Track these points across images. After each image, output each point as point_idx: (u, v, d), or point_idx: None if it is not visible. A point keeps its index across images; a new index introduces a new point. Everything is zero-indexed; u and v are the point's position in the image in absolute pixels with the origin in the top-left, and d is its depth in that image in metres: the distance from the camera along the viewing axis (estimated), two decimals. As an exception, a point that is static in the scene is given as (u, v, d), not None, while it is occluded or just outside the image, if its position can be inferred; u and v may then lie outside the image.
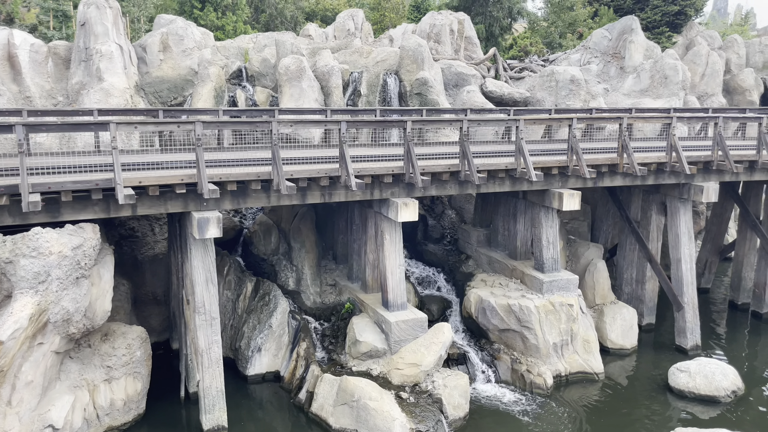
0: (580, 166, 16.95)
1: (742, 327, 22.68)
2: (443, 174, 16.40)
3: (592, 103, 25.95)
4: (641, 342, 20.89)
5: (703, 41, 40.30)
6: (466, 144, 15.98)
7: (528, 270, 19.08)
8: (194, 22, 30.01)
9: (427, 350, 16.08)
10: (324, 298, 19.55)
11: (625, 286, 22.71)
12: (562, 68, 25.87)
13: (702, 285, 26.01)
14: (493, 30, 34.25)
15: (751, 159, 19.15)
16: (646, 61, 29.25)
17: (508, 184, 17.64)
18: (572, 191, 17.68)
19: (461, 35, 28.33)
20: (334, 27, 31.91)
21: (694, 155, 18.81)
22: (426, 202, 24.04)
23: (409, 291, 19.95)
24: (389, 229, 16.66)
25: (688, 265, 20.01)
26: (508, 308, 17.98)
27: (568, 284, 18.49)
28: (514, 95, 26.03)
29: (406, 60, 25.05)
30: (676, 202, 19.94)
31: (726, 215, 25.04)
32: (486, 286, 19.51)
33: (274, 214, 20.56)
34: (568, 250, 23.11)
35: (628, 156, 17.50)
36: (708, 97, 38.70)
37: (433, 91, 24.40)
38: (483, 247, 21.64)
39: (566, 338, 18.05)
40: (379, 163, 15.92)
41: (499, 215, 21.15)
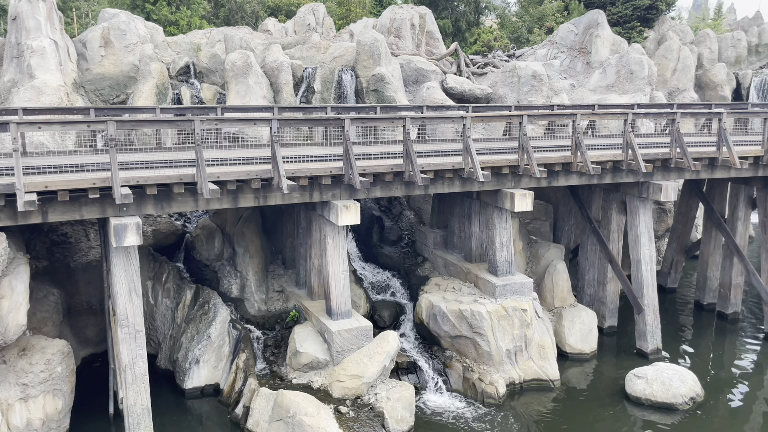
0: (531, 165, 16.18)
1: (706, 328, 22.12)
2: (386, 175, 15.55)
3: (555, 99, 25.26)
4: (602, 346, 20.24)
5: (675, 36, 39.88)
6: (409, 143, 15.14)
7: (482, 273, 18.31)
8: (146, 18, 28.89)
9: (371, 361, 15.24)
10: (270, 306, 18.64)
11: (587, 288, 22.05)
12: (524, 64, 25.13)
13: (668, 285, 25.48)
14: (459, 25, 33.45)
15: (711, 156, 18.52)
16: (612, 56, 28.63)
17: (458, 185, 16.83)
18: (524, 191, 16.92)
19: (422, 30, 27.50)
20: (294, 22, 30.96)
21: (653, 153, 18.14)
22: (383, 202, 23.20)
23: (360, 297, 19.11)
24: (332, 233, 15.79)
25: (648, 266, 19.37)
26: (460, 314, 17.20)
27: (523, 288, 17.76)
28: (475, 92, 25.26)
29: (363, 55, 24.15)
30: (636, 201, 19.28)
31: (691, 213, 24.48)
32: (439, 290, 18.72)
33: (218, 217, 19.59)
34: (528, 251, 22.40)
35: (581, 154, 16.78)
36: (679, 93, 38.29)
37: (390, 87, 23.53)
38: (439, 250, 20.85)
39: (520, 344, 17.31)
40: (317, 164, 15.03)
41: (454, 216, 20.37)
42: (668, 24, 40.97)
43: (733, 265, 22.10)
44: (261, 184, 14.38)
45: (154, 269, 18.32)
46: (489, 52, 29.32)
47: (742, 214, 21.78)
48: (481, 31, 31.02)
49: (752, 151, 18.93)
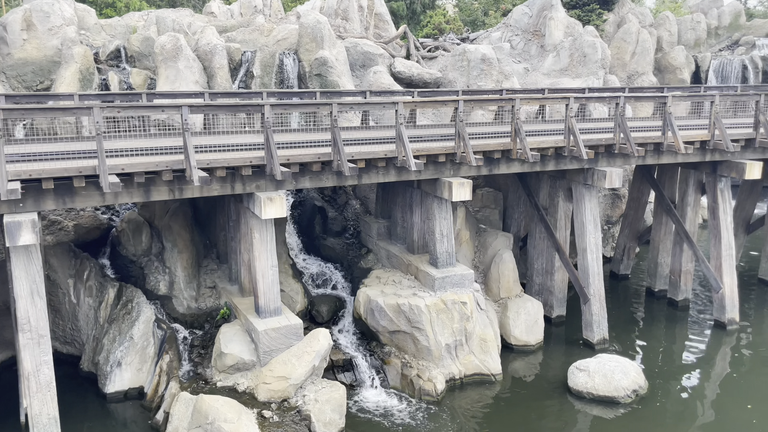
0: (467, 153, 15.47)
1: (657, 316, 21.82)
2: (313, 164, 14.70)
3: (505, 83, 24.58)
4: (550, 336, 19.78)
5: (634, 18, 39.46)
6: (337, 131, 14.28)
7: (422, 265, 17.63)
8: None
9: (299, 361, 14.48)
10: (201, 303, 17.73)
11: (536, 277, 21.56)
12: (474, 47, 24.36)
13: (621, 271, 25.17)
14: (414, 8, 32.53)
15: (656, 141, 18.02)
16: (566, 39, 28.01)
17: (394, 174, 16.06)
18: (463, 180, 16.23)
19: (371, 12, 26.52)
20: (240, 3, 29.70)
21: (596, 138, 17.56)
22: (327, 192, 22.34)
23: (298, 292, 18.31)
24: (258, 226, 14.90)
25: (594, 254, 18.90)
26: (398, 308, 16.51)
27: (463, 280, 17.13)
28: (424, 76, 24.44)
29: (305, 38, 23.14)
30: (581, 188, 18.74)
31: (643, 199, 24.11)
32: (379, 283, 18.01)
33: (146, 209, 18.54)
34: (477, 240, 21.81)
35: (520, 141, 16.11)
36: (639, 76, 37.93)
37: (334, 71, 22.59)
38: (383, 241, 20.11)
39: (460, 338, 16.71)
40: (237, 154, 14.09)
41: (397, 206, 19.63)
42: (628, 6, 40.48)
43: (683, 252, 21.80)
44: (174, 176, 13.41)
45: (76, 266, 17.26)
46: (440, 35, 28.48)
47: (691, 200, 21.44)
48: (434, 13, 30.15)
49: (698, 135, 18.49)
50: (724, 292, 20.22)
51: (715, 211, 20.31)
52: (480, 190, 23.53)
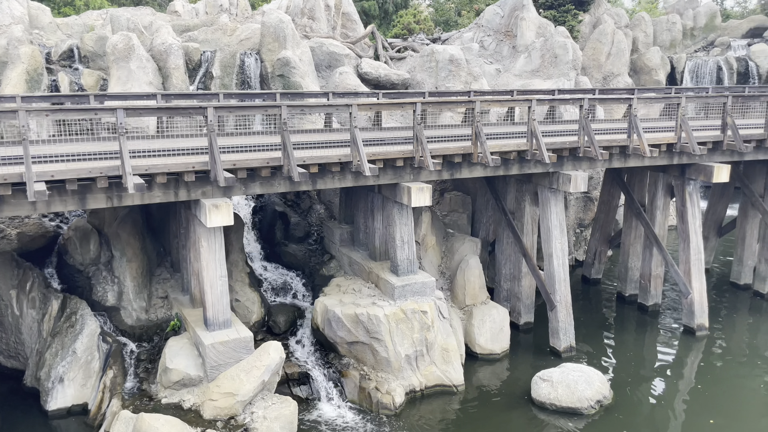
0: (425, 158, 14.91)
1: (627, 322, 21.43)
2: (262, 169, 14.04)
3: (474, 84, 24.08)
4: (517, 344, 19.30)
5: (610, 19, 39.22)
6: (286, 134, 13.64)
7: (383, 273, 17.04)
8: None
9: (247, 376, 13.82)
10: (152, 314, 16.99)
11: (504, 283, 21.08)
12: (442, 48, 23.83)
13: (592, 276, 24.79)
14: (386, 7, 31.93)
15: (622, 144, 17.60)
16: (538, 40, 27.59)
17: (351, 179, 15.45)
18: (422, 185, 15.67)
19: (339, 11, 25.89)
20: (205, 2, 28.91)
21: (560, 141, 17.09)
22: (290, 196, 21.67)
23: (254, 301, 17.63)
24: (206, 234, 14.20)
25: (561, 260, 18.43)
26: (356, 318, 15.90)
27: (424, 288, 16.57)
28: (391, 77, 23.86)
29: (268, 38, 22.47)
30: (547, 192, 18.27)
31: (614, 202, 23.73)
32: (339, 292, 17.39)
33: (95, 216, 17.73)
34: (444, 245, 21.29)
35: (481, 144, 15.58)
36: (614, 77, 37.71)
37: (297, 72, 21.94)
38: (346, 247, 19.50)
39: (421, 349, 16.14)
40: (180, 159, 13.39)
41: (359, 211, 19.03)
42: (604, 7, 40.25)
43: (652, 256, 21.44)
44: (112, 183, 12.70)
45: (18, 277, 16.44)
46: (409, 35, 27.95)
47: (660, 203, 21.07)
48: (404, 13, 29.60)
49: (665, 138, 18.10)
50: (693, 298, 19.87)
51: (683, 215, 19.95)
52: (448, 193, 23.02)
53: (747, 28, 44.13)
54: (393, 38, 28.04)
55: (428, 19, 29.28)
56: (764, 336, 20.11)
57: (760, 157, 19.93)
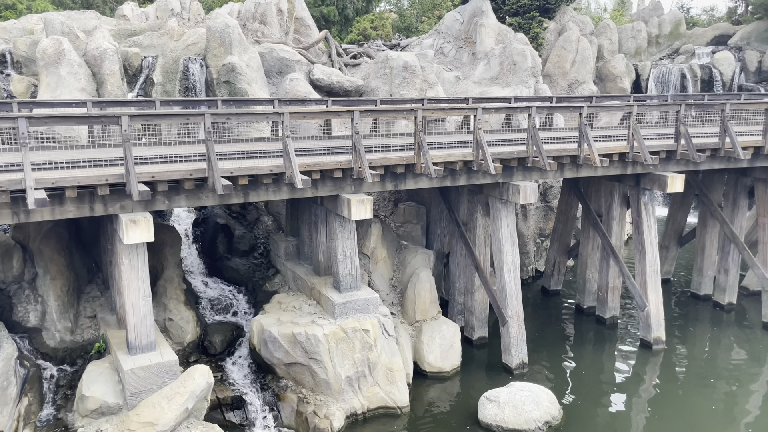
0: (363, 168, 14.17)
1: (584, 335, 20.88)
2: (186, 181, 13.17)
3: (430, 92, 23.46)
4: (470, 360, 18.61)
5: (575, 26, 39.06)
6: (210, 144, 12.80)
7: (325, 289, 16.23)
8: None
9: (169, 403, 12.87)
10: (78, 335, 15.95)
11: (458, 296, 20.42)
12: (396, 54, 23.17)
13: (552, 287, 24.26)
14: (346, 13, 31.24)
15: (572, 154, 17.06)
16: (497, 47, 27.12)
17: (286, 191, 14.64)
18: (363, 197, 14.92)
19: (291, 16, 25.13)
20: (155, 6, 27.94)
21: (507, 151, 16.47)
22: (235, 207, 20.77)
23: (188, 320, 16.70)
24: (127, 252, 13.27)
25: (512, 273, 17.80)
26: (293, 338, 15.06)
27: (367, 305, 15.79)
28: (344, 84, 23.13)
29: (213, 43, 21.60)
30: (497, 203, 17.66)
31: (572, 212, 23.25)
32: (279, 309, 16.54)
33: (20, 231, 16.64)
34: (396, 257, 20.56)
35: (423, 155, 14.89)
36: (579, 85, 37.48)
37: (243, 78, 21.10)
38: (291, 261, 18.66)
39: (363, 369, 15.34)
40: (88, 171, 12.47)
41: (304, 223, 18.22)
42: (569, 15, 40.07)
43: (609, 267, 20.94)
44: (14, 197, 11.73)
45: (-70, 297, 15.32)
46: (365, 41, 27.27)
47: (617, 214, 20.60)
48: (361, 18, 28.93)
49: (617, 147, 17.60)
50: (650, 310, 19.38)
51: (639, 226, 19.48)
52: (402, 204, 22.31)
53: (712, 35, 44.36)
54: (349, 44, 27.32)
55: (387, 24, 28.67)
56: (723, 349, 19.70)
57: (716, 167, 19.57)
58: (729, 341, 20.30)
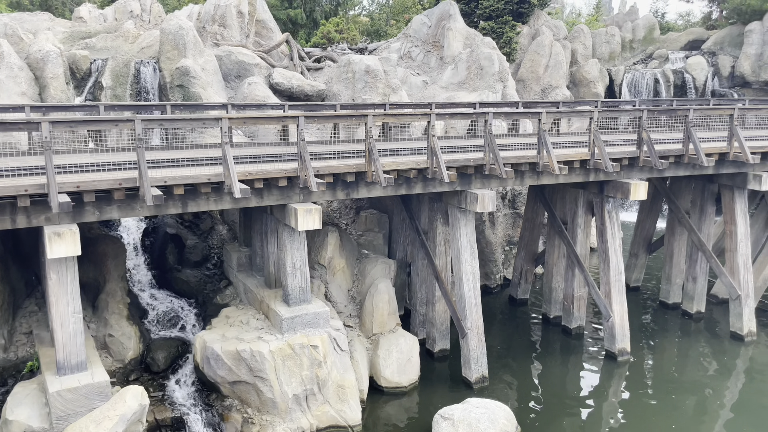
0: (308, 177, 13.52)
1: (549, 346, 20.36)
2: (115, 192, 12.42)
3: (393, 97, 22.88)
4: (431, 374, 18.00)
5: (548, 31, 38.78)
6: (140, 152, 12.07)
7: (273, 303, 15.52)
8: None
9: (98, 428, 12.08)
10: (11, 353, 15.10)
11: (419, 307, 19.82)
12: (359, 58, 22.57)
13: (519, 296, 23.72)
14: (315, 16, 30.59)
15: (531, 161, 16.53)
16: (464, 51, 26.63)
17: (229, 201, 13.93)
18: (311, 207, 14.26)
19: (252, 18, 24.44)
20: (114, 8, 27.12)
21: (463, 159, 15.90)
22: (187, 216, 19.99)
23: (130, 336, 15.90)
24: (54, 266, 12.48)
25: (471, 284, 17.22)
26: (237, 355, 14.33)
27: (317, 319, 15.11)
28: (305, 88, 22.47)
29: (167, 45, 20.86)
30: (456, 211, 17.09)
31: (538, 220, 22.75)
32: (226, 324, 15.81)
33: (-48, 243, 15.80)
34: (356, 267, 19.91)
35: (373, 162, 14.27)
36: (552, 90, 37.19)
37: (198, 82, 20.36)
38: (243, 272, 17.94)
39: (311, 387, 14.64)
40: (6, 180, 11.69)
41: (256, 233, 17.51)
42: (543, 19, 39.83)
43: (575, 276, 20.47)
44: (-77, 210, 10.93)
45: None
46: (329, 44, 26.65)
47: (581, 221, 20.13)
48: (325, 22, 28.31)
49: (578, 154, 17.11)
50: (614, 321, 18.90)
51: (603, 234, 19.01)
52: (364, 212, 21.68)
53: (686, 40, 44.36)
54: (312, 48, 26.69)
55: (353, 28, 28.07)
56: (690, 360, 19.27)
57: (680, 174, 19.17)
58: (697, 351, 19.89)
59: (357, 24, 33.31)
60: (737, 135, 18.23)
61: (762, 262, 23.06)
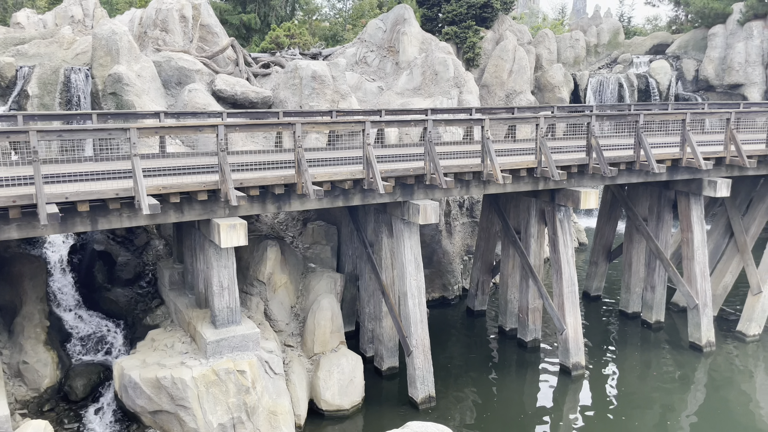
0: (227, 191, 12.59)
1: (504, 360, 19.59)
2: (11, 209, 11.37)
3: (342, 103, 22.04)
4: (376, 394, 17.10)
5: (512, 36, 38.32)
6: (36, 165, 11.05)
7: (200, 325, 14.52)
8: None
9: (-11, 470, 11.00)
10: None
11: (368, 323, 18.93)
12: (306, 63, 21.71)
13: (476, 307, 22.97)
14: (269, 20, 29.68)
15: (475, 170, 15.77)
16: (420, 56, 25.92)
17: (144, 217, 12.94)
18: (235, 222, 13.34)
19: (197, 23, 23.46)
20: (55, 13, 25.94)
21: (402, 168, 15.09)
22: (120, 231, 18.91)
23: (47, 363, 14.79)
24: (-55, 291, 11.38)
25: (416, 299, 16.38)
26: (157, 383, 13.31)
27: (245, 342, 14.14)
28: (249, 95, 21.54)
29: (100, 51, 19.81)
30: (400, 223, 16.26)
31: (493, 229, 22.03)
32: (151, 348, 14.76)
33: None
34: (301, 282, 18.99)
35: (301, 174, 13.38)
36: (517, 95, 36.71)
37: (132, 90, 19.32)
38: (175, 291, 16.91)
39: (239, 415, 13.64)
40: None
41: (186, 248, 16.52)
42: (507, 24, 39.35)
43: (529, 288, 19.76)
44: None
45: None
46: (278, 50, 25.77)
47: (534, 231, 19.43)
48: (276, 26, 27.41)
49: (525, 162, 16.41)
50: (568, 334, 18.20)
51: (555, 244, 18.33)
52: (311, 224, 20.76)
53: (650, 44, 44.27)
54: (261, 53, 25.76)
55: (305, 32, 27.21)
56: (649, 373, 18.60)
57: (633, 180, 18.57)
58: (655, 363, 19.25)
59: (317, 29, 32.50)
60: (689, 140, 17.69)
61: (722, 270, 22.61)
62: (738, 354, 19.85)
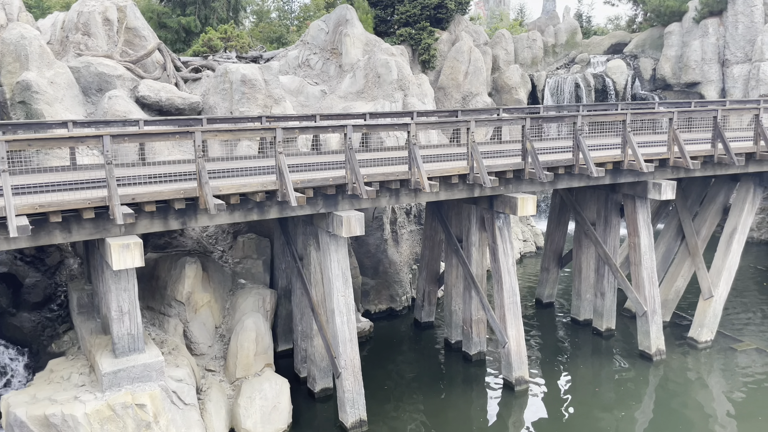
0: (112, 207, 11.38)
1: (448, 375, 18.61)
2: None
3: (275, 108, 20.92)
4: (304, 420, 16.00)
5: (468, 37, 37.65)
6: None
7: (99, 353, 13.26)
8: None
9: None
10: None
11: (300, 342, 17.83)
12: (235, 67, 20.54)
13: (423, 319, 22.02)
14: (211, 23, 28.42)
15: (402, 178, 14.75)
16: (363, 58, 24.92)
17: (25, 239, 11.67)
18: (129, 241, 12.15)
19: (122, 26, 22.14)
20: (-27, 18, 24.31)
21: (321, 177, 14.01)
22: (30, 251, 17.52)
23: (-71, 400, 13.33)
24: None
25: (345, 317, 15.31)
26: (46, 421, 12.02)
27: (148, 372, 12.91)
28: (175, 101, 20.30)
29: (8, 57, 18.48)
30: (326, 236, 15.19)
31: (437, 237, 21.08)
32: (47, 380, 13.44)
33: None
34: (229, 300, 17.79)
35: (202, 186, 12.22)
36: (473, 97, 35.99)
37: (42, 98, 17.98)
38: (83, 315, 15.60)
39: (140, 454, 12.42)
40: None
41: (93, 268, 15.23)
42: (463, 25, 38.64)
43: (472, 298, 18.83)
44: None
45: None
46: (210, 53, 24.58)
47: (476, 239, 18.52)
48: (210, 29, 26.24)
49: (456, 168, 15.45)
50: (510, 347, 17.28)
51: (495, 252, 17.42)
52: (242, 236, 19.57)
53: (608, 44, 43.90)
54: (192, 57, 24.56)
55: (243, 35, 26.05)
56: (600, 383, 17.76)
57: (575, 185, 17.75)
58: (605, 373, 18.44)
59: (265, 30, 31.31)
60: (630, 142, 16.92)
61: (674, 273, 21.97)
62: (689, 361, 19.15)
